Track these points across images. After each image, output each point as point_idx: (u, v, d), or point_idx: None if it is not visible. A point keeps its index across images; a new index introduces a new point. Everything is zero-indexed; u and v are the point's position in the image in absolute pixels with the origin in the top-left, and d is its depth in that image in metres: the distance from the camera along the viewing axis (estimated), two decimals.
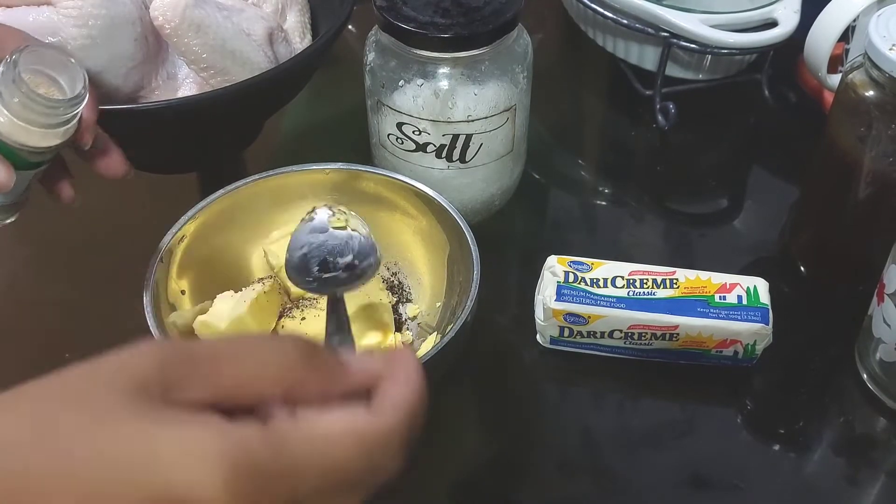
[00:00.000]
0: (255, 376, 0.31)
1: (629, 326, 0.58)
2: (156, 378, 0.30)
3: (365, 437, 0.32)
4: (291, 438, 0.30)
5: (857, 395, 0.59)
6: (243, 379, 0.31)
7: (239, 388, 0.31)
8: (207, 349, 0.31)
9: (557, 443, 0.58)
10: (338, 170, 0.61)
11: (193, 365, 0.31)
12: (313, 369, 0.32)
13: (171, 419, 0.29)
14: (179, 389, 0.30)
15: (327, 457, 0.31)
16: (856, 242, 0.62)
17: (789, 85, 0.81)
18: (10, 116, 0.46)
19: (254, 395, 0.31)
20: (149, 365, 0.30)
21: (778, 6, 0.74)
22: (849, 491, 0.55)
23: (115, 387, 0.29)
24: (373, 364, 0.35)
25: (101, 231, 0.71)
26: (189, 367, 0.31)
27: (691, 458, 0.56)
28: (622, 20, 0.75)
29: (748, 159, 0.79)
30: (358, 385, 0.34)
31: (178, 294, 0.57)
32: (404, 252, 0.62)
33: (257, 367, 0.32)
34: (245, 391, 0.31)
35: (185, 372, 0.30)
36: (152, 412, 0.29)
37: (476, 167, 0.63)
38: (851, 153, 0.58)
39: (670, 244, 0.72)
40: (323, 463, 0.31)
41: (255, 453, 0.29)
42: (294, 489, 0.30)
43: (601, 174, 0.79)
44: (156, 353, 0.30)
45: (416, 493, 0.55)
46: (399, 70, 0.61)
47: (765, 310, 0.57)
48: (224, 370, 0.31)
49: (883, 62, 0.53)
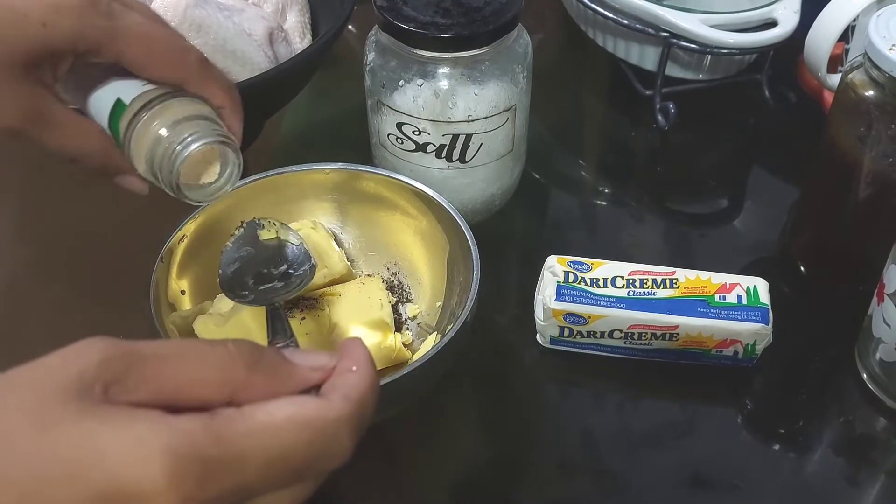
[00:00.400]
0: (198, 379, 0.31)
1: (629, 326, 0.58)
2: (97, 377, 0.29)
3: (311, 424, 0.31)
4: (234, 428, 0.30)
5: (857, 395, 0.59)
6: (186, 381, 0.31)
7: (181, 391, 0.31)
8: (151, 350, 0.31)
9: (557, 443, 0.58)
10: (338, 170, 0.61)
11: (136, 366, 0.30)
12: (258, 371, 0.32)
13: (113, 416, 0.29)
14: (121, 389, 0.30)
15: (271, 445, 0.30)
16: (856, 242, 0.62)
17: (789, 85, 0.81)
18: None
19: (197, 398, 0.31)
20: (90, 363, 0.30)
21: (778, 6, 0.74)
22: (849, 491, 0.55)
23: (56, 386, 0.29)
24: (321, 360, 0.34)
25: (101, 231, 0.71)
26: (131, 367, 0.30)
27: (691, 458, 0.56)
28: (622, 20, 0.75)
29: (748, 159, 0.79)
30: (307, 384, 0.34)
31: (178, 294, 0.57)
32: (404, 252, 0.62)
33: (200, 369, 0.31)
34: (188, 394, 0.31)
35: (127, 372, 0.30)
36: (94, 410, 0.29)
37: (476, 167, 0.63)
38: (851, 153, 0.58)
39: (670, 244, 0.72)
40: (267, 451, 0.30)
41: (197, 444, 0.29)
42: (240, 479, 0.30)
43: (601, 174, 0.79)
44: (98, 352, 0.30)
45: (417, 493, 0.55)
46: (399, 70, 0.61)
47: (765, 310, 0.57)
48: (167, 372, 0.31)
49: (883, 62, 0.53)
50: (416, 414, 0.56)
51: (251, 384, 0.32)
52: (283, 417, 0.31)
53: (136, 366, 0.30)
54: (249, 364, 0.32)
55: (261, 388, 0.32)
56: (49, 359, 0.30)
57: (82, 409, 0.29)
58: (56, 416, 0.28)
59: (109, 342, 0.31)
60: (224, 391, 0.31)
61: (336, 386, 0.33)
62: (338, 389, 0.33)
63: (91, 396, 0.29)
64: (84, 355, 0.30)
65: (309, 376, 0.34)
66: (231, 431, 0.30)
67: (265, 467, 0.30)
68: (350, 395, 0.33)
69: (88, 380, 0.29)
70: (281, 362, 0.33)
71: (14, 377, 0.30)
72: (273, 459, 0.30)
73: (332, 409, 0.32)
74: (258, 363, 0.32)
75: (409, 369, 0.48)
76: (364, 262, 0.63)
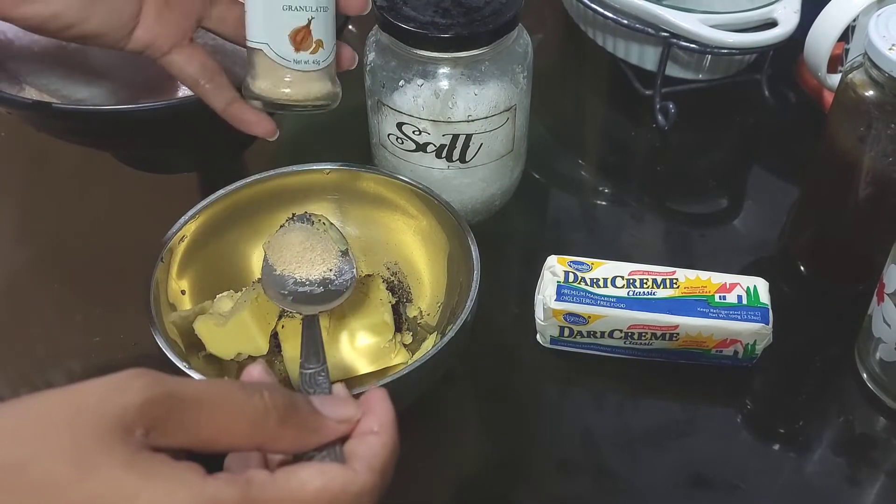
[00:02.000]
0: (232, 430, 0.32)
1: (629, 326, 0.58)
2: (138, 420, 0.30)
3: (339, 497, 0.33)
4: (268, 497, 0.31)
5: (857, 395, 0.59)
6: (220, 430, 0.32)
7: (215, 440, 0.32)
8: (190, 393, 0.32)
9: (557, 443, 0.58)
10: (338, 170, 0.61)
11: (175, 410, 0.31)
12: (289, 426, 0.34)
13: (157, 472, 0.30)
14: (161, 434, 0.31)
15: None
16: (856, 242, 0.62)
17: (789, 85, 0.81)
18: None
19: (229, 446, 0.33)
20: (132, 404, 0.30)
21: (778, 6, 0.74)
22: (849, 491, 0.55)
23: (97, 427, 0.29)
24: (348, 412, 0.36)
25: (101, 231, 0.71)
26: (171, 412, 0.31)
27: (691, 458, 0.56)
28: (622, 20, 0.75)
29: (748, 159, 0.79)
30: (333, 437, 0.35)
31: (178, 294, 0.57)
32: (404, 252, 0.62)
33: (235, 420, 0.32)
34: (221, 443, 0.32)
35: (167, 417, 0.31)
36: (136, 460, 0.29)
37: (476, 167, 0.63)
38: (851, 153, 0.58)
39: (670, 244, 0.72)
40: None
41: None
42: None
43: (601, 174, 0.79)
44: (139, 392, 0.30)
45: (417, 493, 0.55)
46: (399, 70, 0.61)
47: (765, 310, 0.57)
48: (203, 420, 0.32)
49: (883, 62, 0.53)
50: (416, 414, 0.56)
51: (281, 437, 0.33)
52: (314, 490, 0.32)
53: (176, 410, 0.31)
54: (282, 418, 0.33)
55: (290, 440, 0.34)
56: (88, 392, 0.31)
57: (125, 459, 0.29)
58: (98, 463, 0.29)
59: (150, 379, 0.31)
60: (254, 441, 0.33)
61: (360, 455, 0.35)
62: (362, 459, 0.35)
63: (133, 441, 0.30)
64: (125, 394, 0.30)
65: (335, 429, 0.35)
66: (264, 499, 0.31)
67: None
68: (374, 465, 0.35)
69: (129, 423, 0.30)
70: (310, 415, 0.35)
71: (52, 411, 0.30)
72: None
73: (357, 483, 0.34)
74: (290, 418, 0.34)
75: (409, 369, 0.48)
76: (364, 262, 0.63)
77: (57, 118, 0.59)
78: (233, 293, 0.60)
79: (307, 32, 0.51)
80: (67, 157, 0.74)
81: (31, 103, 0.57)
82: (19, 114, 0.60)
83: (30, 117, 0.61)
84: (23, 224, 0.74)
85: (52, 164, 0.76)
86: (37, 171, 0.77)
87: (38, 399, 0.30)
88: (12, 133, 0.78)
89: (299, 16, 0.50)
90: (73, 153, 0.68)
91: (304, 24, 0.50)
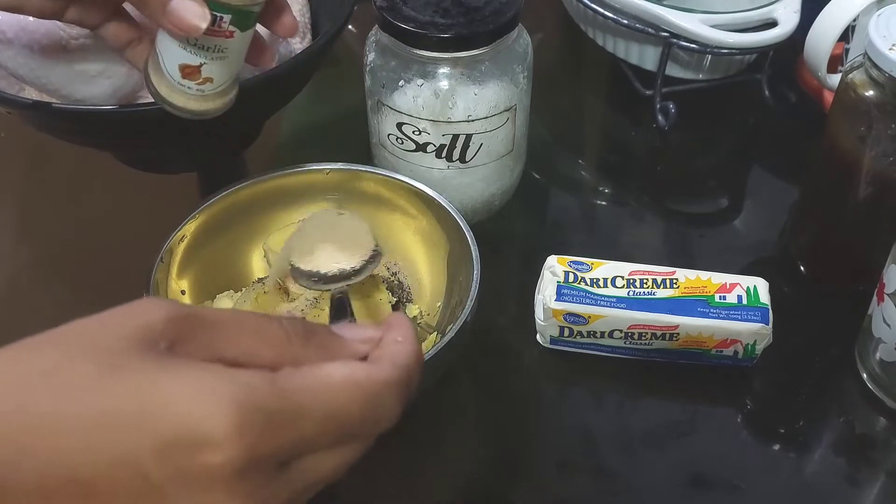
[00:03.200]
0: (253, 350, 0.32)
1: (629, 326, 0.58)
2: (164, 333, 0.30)
3: (364, 387, 0.33)
4: (295, 384, 0.31)
5: (857, 395, 0.59)
6: (243, 352, 0.32)
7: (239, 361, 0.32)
8: (211, 316, 0.32)
9: (557, 443, 0.58)
10: (338, 170, 0.61)
11: (199, 329, 0.31)
12: (311, 346, 0.33)
13: (180, 367, 0.30)
14: (185, 349, 0.31)
15: (329, 402, 0.32)
16: (856, 242, 0.62)
17: (789, 85, 0.81)
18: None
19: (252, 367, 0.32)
20: (157, 319, 0.31)
21: (778, 6, 0.74)
22: (849, 491, 0.55)
23: (123, 336, 0.30)
24: (369, 333, 0.36)
25: (101, 231, 0.71)
26: (195, 329, 0.31)
27: (691, 458, 0.56)
28: (622, 20, 0.75)
29: (748, 159, 0.79)
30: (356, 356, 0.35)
31: (178, 294, 0.57)
32: (404, 252, 0.62)
33: (258, 343, 0.32)
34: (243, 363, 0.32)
35: (191, 333, 0.31)
36: (161, 360, 0.30)
37: (476, 167, 0.63)
38: (851, 153, 0.58)
39: (670, 244, 0.72)
40: (325, 408, 0.31)
41: (261, 397, 0.30)
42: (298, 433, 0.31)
43: (601, 174, 0.79)
44: (164, 310, 0.31)
45: (417, 492, 0.55)
46: (399, 70, 0.61)
47: (765, 310, 0.57)
48: (227, 340, 0.32)
49: (883, 62, 0.53)
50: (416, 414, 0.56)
51: (305, 357, 0.33)
52: (340, 377, 0.32)
53: (200, 329, 0.31)
54: (303, 340, 0.33)
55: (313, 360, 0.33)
56: (114, 312, 0.31)
57: (149, 359, 0.29)
58: (123, 362, 0.29)
59: (173, 303, 0.32)
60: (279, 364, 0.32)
61: (383, 355, 0.35)
62: (386, 357, 0.34)
63: (157, 349, 0.30)
64: (150, 311, 0.31)
65: (358, 348, 0.35)
66: (292, 386, 0.31)
67: (322, 423, 0.31)
68: (397, 361, 0.34)
69: (155, 334, 0.30)
70: (331, 337, 0.35)
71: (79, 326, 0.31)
72: (329, 416, 0.32)
73: (382, 373, 0.33)
74: (311, 339, 0.34)
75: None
76: None
77: (57, 118, 0.59)
78: (233, 293, 0.60)
79: (196, 70, 0.49)
80: (67, 157, 0.74)
81: (31, 103, 0.57)
82: (19, 114, 0.60)
83: (30, 117, 0.61)
84: (23, 224, 0.74)
85: (52, 164, 0.76)
86: (37, 171, 0.77)
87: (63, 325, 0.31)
88: (12, 133, 0.78)
89: (191, 57, 0.49)
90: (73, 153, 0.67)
91: (195, 64, 0.49)
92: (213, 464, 0.29)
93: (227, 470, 0.29)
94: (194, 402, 0.29)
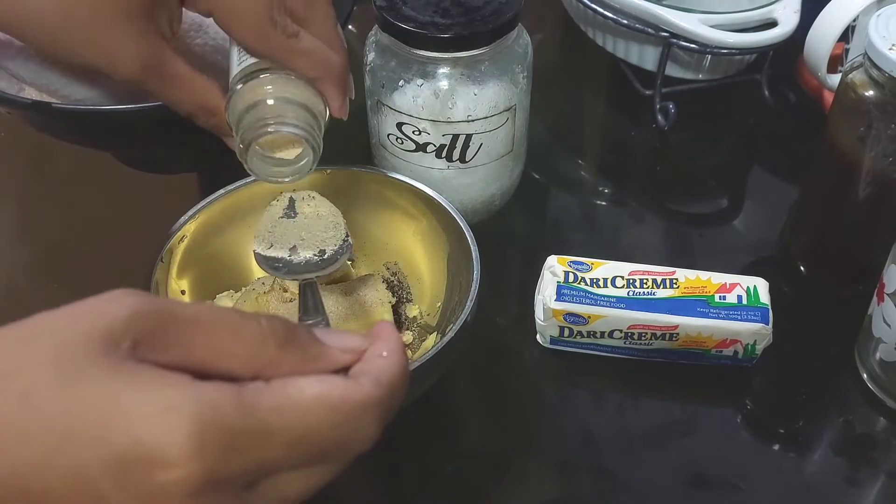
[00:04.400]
0: (227, 351, 0.30)
1: (629, 326, 0.58)
2: (126, 332, 0.29)
3: (339, 408, 0.31)
4: (264, 402, 0.29)
5: (857, 395, 0.59)
6: (215, 351, 0.30)
7: (209, 361, 0.30)
8: (183, 312, 0.30)
9: (557, 443, 0.58)
10: (338, 170, 0.61)
11: (167, 326, 0.30)
12: (289, 350, 0.31)
13: (141, 377, 0.28)
14: (149, 349, 0.29)
15: (297, 424, 0.30)
16: (856, 242, 0.62)
17: (789, 85, 0.81)
18: None
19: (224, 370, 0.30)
20: (120, 316, 0.29)
21: (778, 6, 0.74)
22: (849, 491, 0.55)
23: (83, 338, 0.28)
24: (352, 342, 0.34)
25: (101, 231, 0.71)
26: (162, 327, 0.30)
27: (691, 458, 0.56)
28: (622, 20, 0.75)
29: (748, 159, 0.79)
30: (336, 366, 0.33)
31: (178, 294, 0.57)
32: (404, 252, 0.62)
33: (231, 342, 0.31)
34: (216, 365, 0.30)
35: (156, 331, 0.29)
36: (121, 368, 0.28)
37: (476, 167, 0.63)
38: (851, 153, 0.58)
39: (670, 244, 0.72)
40: (294, 429, 0.30)
41: (225, 415, 0.28)
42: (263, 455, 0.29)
43: (601, 174, 0.79)
44: (129, 306, 0.29)
45: (416, 493, 0.55)
46: (399, 70, 0.61)
47: (765, 310, 0.57)
48: (197, 338, 0.30)
49: (883, 62, 0.53)
50: (416, 414, 0.56)
51: (280, 362, 0.31)
52: (312, 396, 0.30)
53: (167, 326, 0.30)
54: (281, 342, 0.31)
55: (289, 366, 0.31)
56: (77, 307, 0.30)
57: (109, 367, 0.28)
58: (82, 372, 0.28)
59: (141, 297, 0.30)
60: (252, 366, 0.31)
61: (366, 370, 0.33)
62: (367, 373, 0.32)
63: (118, 352, 0.28)
64: (114, 307, 0.29)
65: (339, 358, 0.33)
66: (259, 405, 0.29)
67: (289, 445, 0.30)
68: (380, 379, 0.32)
69: (117, 334, 0.29)
70: (312, 342, 0.33)
71: (39, 324, 0.30)
72: (297, 438, 0.30)
73: (360, 393, 0.31)
74: (289, 342, 0.32)
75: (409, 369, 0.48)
76: (364, 262, 0.63)
77: (57, 118, 0.59)
78: (233, 293, 0.60)
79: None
80: (67, 157, 0.74)
81: (31, 103, 0.57)
82: (19, 114, 0.60)
83: (30, 117, 0.61)
84: (22, 224, 0.74)
85: (52, 164, 0.76)
86: (37, 171, 0.77)
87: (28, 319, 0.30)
88: (12, 133, 0.78)
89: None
90: (73, 153, 0.68)
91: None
92: (168, 483, 0.28)
93: (182, 490, 0.28)
94: (153, 419, 0.27)
